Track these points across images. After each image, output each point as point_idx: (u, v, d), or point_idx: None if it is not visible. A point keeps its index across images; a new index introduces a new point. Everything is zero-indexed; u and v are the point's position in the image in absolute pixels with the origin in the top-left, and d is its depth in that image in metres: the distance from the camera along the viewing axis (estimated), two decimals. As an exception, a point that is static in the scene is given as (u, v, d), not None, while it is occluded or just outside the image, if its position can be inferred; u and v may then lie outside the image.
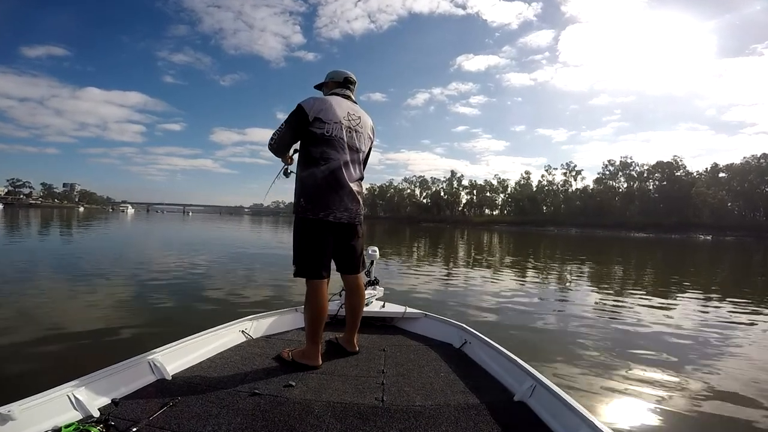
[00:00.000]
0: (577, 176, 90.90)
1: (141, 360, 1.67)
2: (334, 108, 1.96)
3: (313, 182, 1.92)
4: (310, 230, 1.94)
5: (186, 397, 1.53)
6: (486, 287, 6.88)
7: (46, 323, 3.61)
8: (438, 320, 2.56)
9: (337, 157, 1.94)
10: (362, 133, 2.06)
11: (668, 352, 3.51)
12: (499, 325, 4.37)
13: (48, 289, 5.15)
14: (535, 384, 1.58)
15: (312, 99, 1.98)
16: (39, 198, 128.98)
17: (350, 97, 2.13)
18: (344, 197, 1.95)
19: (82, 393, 1.39)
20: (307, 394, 1.63)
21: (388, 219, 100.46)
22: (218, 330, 2.14)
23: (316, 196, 1.91)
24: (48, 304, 4.35)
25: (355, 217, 2.02)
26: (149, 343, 1.91)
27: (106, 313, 4.06)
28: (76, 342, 3.19)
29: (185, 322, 3.86)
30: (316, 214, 1.91)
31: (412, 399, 1.62)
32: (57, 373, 2.17)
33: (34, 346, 3.04)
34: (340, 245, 2.03)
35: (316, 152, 1.92)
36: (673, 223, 63.89)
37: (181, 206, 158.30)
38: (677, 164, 77.33)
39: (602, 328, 4.36)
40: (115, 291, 5.17)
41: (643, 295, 6.64)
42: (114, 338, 3.32)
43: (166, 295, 5.08)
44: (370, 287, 2.87)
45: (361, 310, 2.17)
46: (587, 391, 2.63)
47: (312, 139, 1.93)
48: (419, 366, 1.99)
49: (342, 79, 2.14)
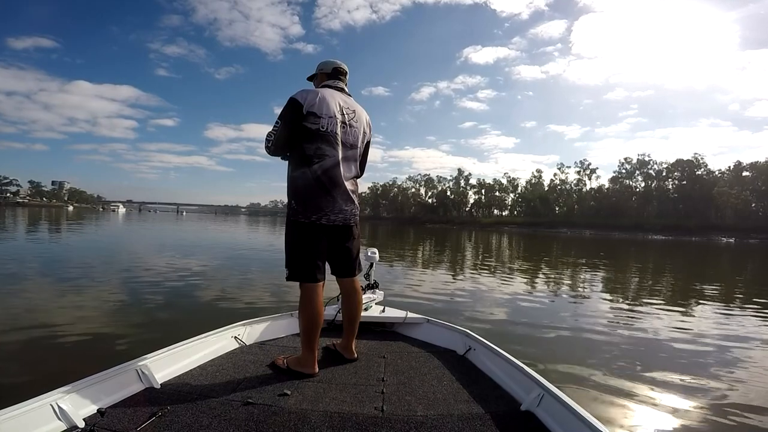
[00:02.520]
0: (592, 175, 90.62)
1: (129, 367, 1.68)
2: (327, 101, 1.93)
3: (304, 183, 1.90)
4: (304, 234, 1.92)
5: (175, 407, 1.53)
6: (493, 292, 6.87)
7: (29, 329, 3.62)
8: (441, 326, 2.56)
9: (333, 154, 1.92)
10: (357, 128, 2.05)
11: (686, 363, 3.49)
12: (506, 331, 4.36)
13: (31, 293, 5.18)
14: (543, 393, 1.57)
15: (304, 91, 1.94)
16: (26, 197, 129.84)
17: (343, 90, 2.09)
18: (338, 198, 1.94)
19: (66, 402, 1.40)
20: (303, 403, 1.63)
21: (391, 220, 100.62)
22: (209, 336, 2.15)
23: (307, 198, 1.90)
24: (31, 309, 4.37)
25: (350, 218, 2.01)
26: (137, 350, 1.92)
27: (93, 318, 4.07)
28: (60, 348, 3.20)
29: (175, 327, 3.86)
30: (308, 217, 1.90)
31: (413, 409, 1.62)
32: (40, 381, 2.19)
33: (16, 353, 3.05)
34: (334, 248, 2.03)
35: (310, 149, 1.89)
36: (694, 225, 63.50)
37: (174, 206, 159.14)
38: (698, 162, 76.87)
39: (616, 336, 4.34)
40: (102, 295, 5.19)
41: (661, 302, 6.60)
42: (100, 344, 3.33)
43: (156, 299, 5.09)
44: (369, 291, 2.88)
45: (358, 315, 2.17)
46: (598, 401, 2.62)
47: (306, 135, 1.90)
48: (421, 374, 1.99)
49: (331, 69, 2.11)
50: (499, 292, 6.83)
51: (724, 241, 49.67)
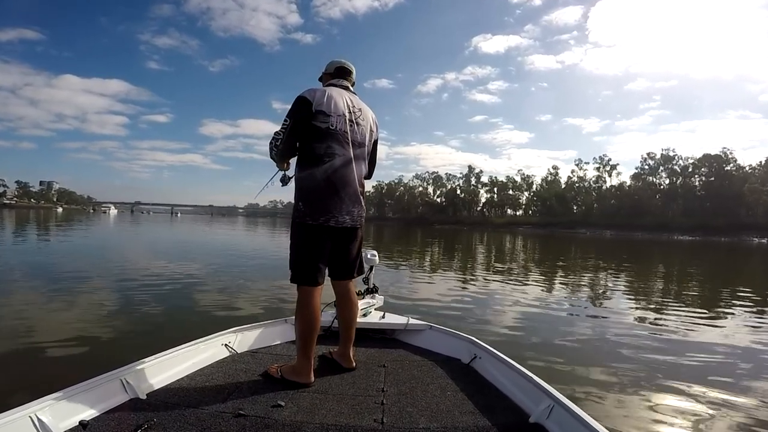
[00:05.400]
0: (612, 171, 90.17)
1: (112, 377, 1.68)
2: (336, 99, 2.00)
3: (313, 184, 1.95)
4: (310, 236, 1.97)
5: (162, 419, 1.54)
6: (504, 297, 6.84)
7: (8, 337, 3.64)
8: (444, 332, 2.56)
9: (343, 153, 1.98)
10: (364, 127, 2.11)
11: (710, 374, 3.42)
12: (515, 339, 4.34)
13: (10, 299, 5.22)
14: (553, 404, 1.57)
15: (312, 90, 2.02)
16: (14, 198, 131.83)
17: (349, 88, 2.16)
18: (346, 199, 1.99)
19: (46, 414, 1.40)
20: (298, 415, 1.63)
21: (397, 220, 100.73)
22: (199, 343, 2.16)
23: (316, 200, 1.95)
24: (10, 315, 4.39)
25: (357, 220, 2.07)
26: (122, 359, 1.92)
27: (75, 325, 4.09)
28: (40, 357, 3.21)
29: (162, 334, 3.88)
30: (316, 219, 1.95)
31: (415, 421, 1.61)
32: (19, 391, 2.20)
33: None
34: (337, 249, 2.07)
35: (320, 148, 1.95)
36: (723, 225, 62.79)
37: (168, 206, 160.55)
38: (727, 157, 76.07)
39: (635, 345, 4.28)
40: (87, 301, 5.22)
41: (686, 308, 6.53)
42: (83, 353, 3.34)
43: (142, 305, 5.11)
44: (368, 296, 2.89)
45: (354, 320, 2.19)
46: (612, 414, 2.60)
47: (315, 134, 1.95)
48: (423, 384, 1.99)
49: (334, 69, 2.20)
50: (510, 298, 6.79)
51: (756, 242, 49.13)
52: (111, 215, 69.22)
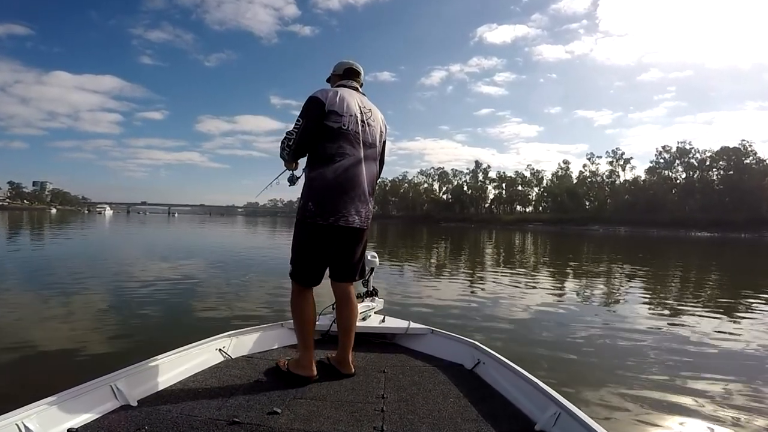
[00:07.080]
0: (626, 165, 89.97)
1: (102, 383, 1.69)
2: (347, 99, 2.07)
3: (323, 184, 2.00)
4: (318, 236, 2.03)
5: (154, 427, 1.54)
6: (510, 300, 6.80)
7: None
8: (447, 337, 2.55)
9: (354, 153, 2.05)
10: (374, 127, 2.17)
11: (727, 380, 3.35)
12: (520, 343, 4.31)
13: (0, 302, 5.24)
14: (560, 411, 1.56)
15: (324, 90, 2.08)
16: (6, 199, 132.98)
17: (358, 89, 2.23)
18: (356, 199, 2.05)
19: (33, 422, 1.41)
20: (295, 422, 1.63)
21: (401, 218, 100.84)
22: (192, 348, 2.16)
23: (326, 200, 2.00)
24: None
25: (365, 221, 2.12)
26: (112, 364, 1.93)
27: (64, 330, 4.10)
28: (27, 362, 3.22)
29: (154, 339, 3.88)
30: (326, 219, 1.99)
31: (416, 428, 1.61)
32: (4, 398, 2.19)
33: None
34: (341, 250, 2.11)
35: (332, 148, 2.00)
36: (742, 220, 62.43)
37: (165, 206, 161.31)
38: (746, 150, 75.55)
39: (647, 350, 4.24)
40: (77, 304, 5.24)
41: (704, 313, 6.42)
42: (71, 358, 3.34)
43: (133, 309, 5.10)
44: (368, 299, 2.89)
45: (354, 324, 2.20)
46: (622, 422, 2.58)
47: (327, 134, 2.01)
48: (425, 390, 1.99)
49: (342, 71, 2.26)
50: (516, 300, 6.76)
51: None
52: (106, 216, 69.68)
